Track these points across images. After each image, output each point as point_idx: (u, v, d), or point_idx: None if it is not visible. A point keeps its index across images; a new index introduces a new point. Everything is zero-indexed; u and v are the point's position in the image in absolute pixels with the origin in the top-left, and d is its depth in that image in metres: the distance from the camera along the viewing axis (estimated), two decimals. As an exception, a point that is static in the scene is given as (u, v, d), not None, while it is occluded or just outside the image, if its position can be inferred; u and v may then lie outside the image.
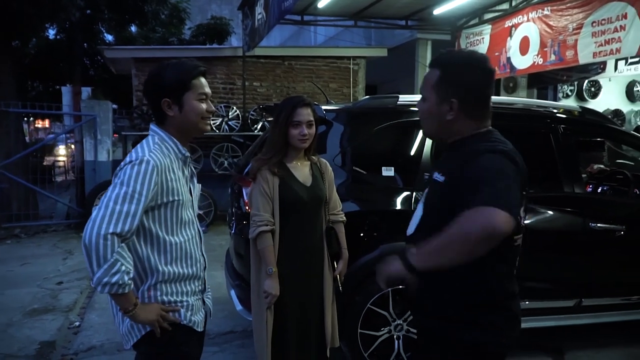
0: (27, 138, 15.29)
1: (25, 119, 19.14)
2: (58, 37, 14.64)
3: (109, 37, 16.13)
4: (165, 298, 1.99)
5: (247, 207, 3.40)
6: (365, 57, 11.02)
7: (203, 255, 2.16)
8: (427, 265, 1.69)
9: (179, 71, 2.00)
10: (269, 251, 2.81)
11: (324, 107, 3.75)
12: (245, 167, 3.63)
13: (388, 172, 3.63)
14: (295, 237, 2.89)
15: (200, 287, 2.15)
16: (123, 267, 1.76)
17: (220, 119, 9.42)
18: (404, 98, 3.78)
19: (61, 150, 18.38)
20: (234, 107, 9.56)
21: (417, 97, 2.03)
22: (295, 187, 2.87)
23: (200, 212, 9.01)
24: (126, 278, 1.78)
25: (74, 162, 11.22)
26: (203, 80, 2.04)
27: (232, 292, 3.79)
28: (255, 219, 2.83)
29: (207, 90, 2.06)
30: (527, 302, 3.74)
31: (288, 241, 2.87)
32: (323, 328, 2.95)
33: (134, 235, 1.85)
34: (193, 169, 2.19)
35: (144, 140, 1.99)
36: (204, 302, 2.19)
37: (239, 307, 3.59)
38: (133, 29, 15.83)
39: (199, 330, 2.12)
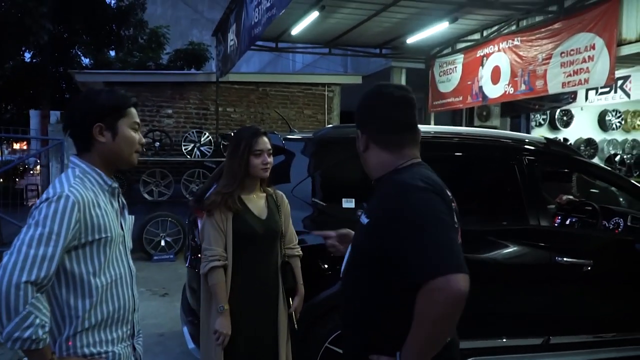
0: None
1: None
2: (34, 60, 14.46)
3: (86, 61, 16.01)
4: (86, 350, 1.79)
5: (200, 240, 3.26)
6: (339, 84, 11.00)
7: (134, 295, 1.98)
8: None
9: (114, 96, 1.88)
10: (221, 288, 2.69)
11: (284, 136, 3.66)
12: (203, 196, 3.48)
13: (349, 203, 3.52)
14: (249, 272, 2.76)
15: (129, 332, 1.96)
16: (37, 320, 1.58)
17: (192, 145, 9.25)
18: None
19: (32, 173, 18.12)
20: (206, 133, 9.41)
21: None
22: (250, 220, 2.77)
23: (169, 240, 8.82)
24: (40, 332, 1.59)
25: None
26: (135, 110, 1.92)
27: (185, 329, 3.61)
28: (207, 253, 2.71)
29: (139, 120, 1.95)
30: (495, 340, 3.65)
31: (241, 277, 2.74)
32: (277, 368, 2.79)
33: (52, 281, 1.67)
34: (124, 201, 2.03)
35: (62, 174, 1.82)
36: (134, 348, 2.01)
37: (191, 345, 3.41)
38: (112, 53, 15.73)
39: None
